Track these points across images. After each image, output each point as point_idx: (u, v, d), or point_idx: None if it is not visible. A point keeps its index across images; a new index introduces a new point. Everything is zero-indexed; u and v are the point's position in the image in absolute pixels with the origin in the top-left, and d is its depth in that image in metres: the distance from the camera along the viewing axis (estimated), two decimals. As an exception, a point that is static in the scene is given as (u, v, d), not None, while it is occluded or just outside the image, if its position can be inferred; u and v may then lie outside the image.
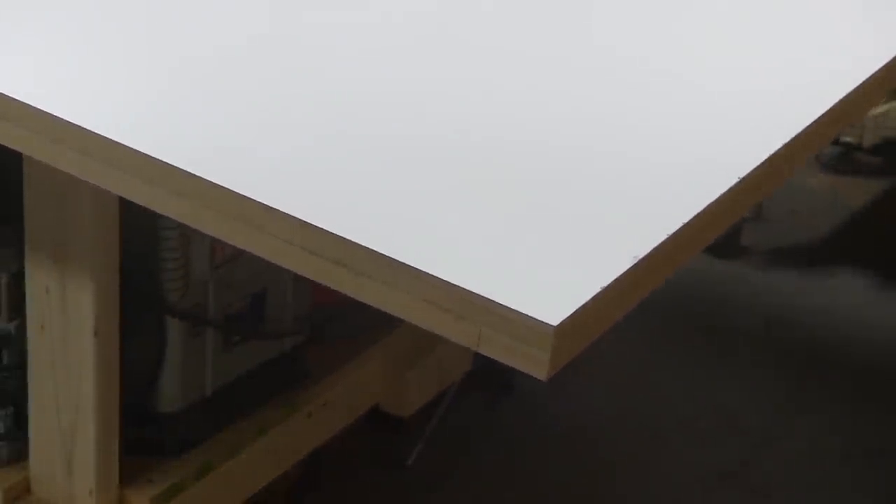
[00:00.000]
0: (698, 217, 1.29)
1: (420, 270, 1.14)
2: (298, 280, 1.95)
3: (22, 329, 1.74)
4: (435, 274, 1.14)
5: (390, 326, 2.16)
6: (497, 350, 1.13)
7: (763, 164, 1.40)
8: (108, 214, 1.63)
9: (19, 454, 1.80)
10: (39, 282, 1.68)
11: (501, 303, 1.12)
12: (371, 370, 2.11)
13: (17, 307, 1.74)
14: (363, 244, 1.17)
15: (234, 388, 1.90)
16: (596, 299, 1.15)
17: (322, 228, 1.18)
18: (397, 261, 1.15)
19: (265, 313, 1.92)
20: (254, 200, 1.21)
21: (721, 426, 2.66)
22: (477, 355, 2.45)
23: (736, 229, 3.27)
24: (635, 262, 1.20)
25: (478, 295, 1.12)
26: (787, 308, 3.05)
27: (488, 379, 2.63)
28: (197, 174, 1.24)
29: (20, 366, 1.76)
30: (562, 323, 1.11)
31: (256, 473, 1.94)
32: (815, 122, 1.51)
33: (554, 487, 2.46)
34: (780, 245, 3.35)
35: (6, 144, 1.38)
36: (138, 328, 1.76)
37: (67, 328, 1.68)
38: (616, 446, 2.58)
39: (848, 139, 3.33)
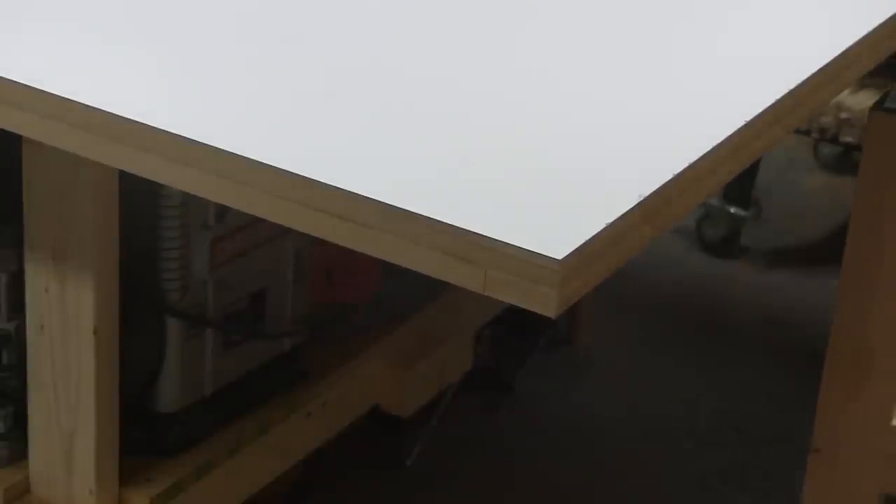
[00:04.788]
0: (704, 158, 1.29)
1: (422, 216, 1.14)
2: (298, 280, 1.95)
3: (22, 329, 1.73)
4: (437, 218, 1.14)
5: (390, 326, 2.16)
6: (504, 291, 1.13)
7: (769, 108, 1.41)
8: (108, 214, 1.63)
9: (19, 454, 1.80)
10: (39, 281, 1.68)
11: (505, 241, 1.11)
12: (371, 370, 2.11)
13: (17, 307, 1.74)
14: (363, 194, 1.17)
15: (233, 387, 1.90)
16: (601, 236, 1.15)
17: (321, 182, 1.19)
18: (399, 208, 1.15)
19: (265, 313, 1.92)
20: (255, 161, 1.22)
21: (721, 426, 2.66)
22: (477, 355, 2.47)
23: (736, 229, 3.27)
24: (641, 199, 1.20)
25: (482, 236, 1.12)
26: (787, 308, 3.05)
27: (488, 379, 2.63)
28: (195, 139, 1.25)
29: (20, 366, 1.76)
30: (567, 257, 1.11)
31: (256, 473, 1.94)
32: (824, 67, 1.52)
33: (554, 488, 2.46)
34: (780, 245, 3.35)
35: (6, 127, 1.39)
36: (138, 328, 1.76)
37: (67, 328, 1.68)
38: (616, 446, 2.58)
39: (848, 139, 3.32)
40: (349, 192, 1.18)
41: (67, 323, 1.68)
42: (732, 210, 3.26)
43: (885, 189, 1.79)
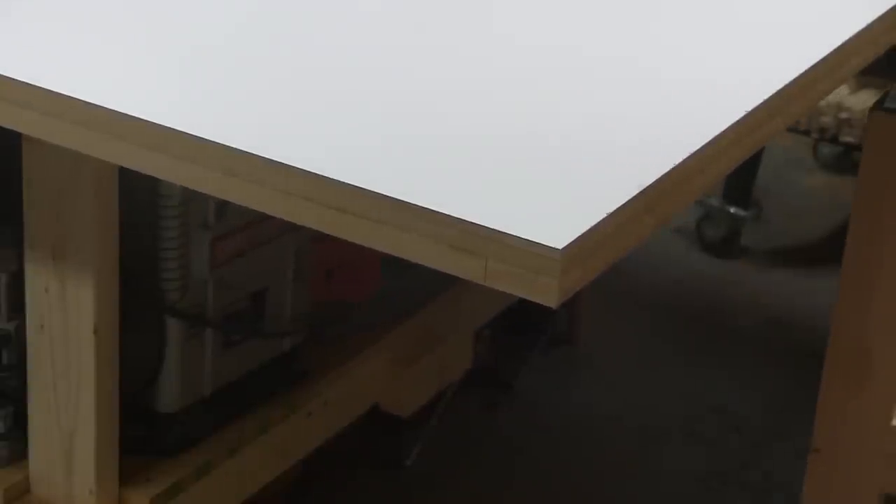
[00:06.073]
0: (705, 149, 1.30)
1: (422, 207, 1.14)
2: (298, 279, 1.95)
3: (22, 329, 1.73)
4: (438, 209, 1.14)
5: (390, 325, 2.16)
6: (505, 282, 1.13)
7: (770, 98, 1.42)
8: (107, 214, 1.63)
9: (19, 454, 1.80)
10: (39, 281, 1.68)
11: (506, 231, 1.11)
12: (371, 370, 2.11)
13: (17, 307, 1.74)
14: (364, 187, 1.17)
15: (233, 387, 1.90)
16: (602, 226, 1.15)
17: (323, 175, 1.19)
18: (399, 200, 1.15)
19: (265, 313, 1.92)
20: (258, 156, 1.22)
21: (721, 426, 2.66)
22: (477, 354, 2.47)
23: (736, 229, 3.27)
24: (641, 189, 1.20)
25: (482, 226, 1.12)
26: (787, 308, 3.05)
27: (488, 378, 2.63)
28: (198, 135, 1.25)
29: (20, 366, 1.76)
30: (568, 247, 1.11)
31: (256, 473, 1.94)
32: (821, 60, 1.53)
33: (554, 487, 2.46)
34: (780, 245, 3.35)
35: (6, 125, 1.39)
36: (138, 328, 1.76)
37: (67, 328, 1.68)
38: (616, 446, 2.58)
39: (848, 139, 3.32)
40: (351, 185, 1.18)
41: (67, 323, 1.68)
42: (732, 210, 3.26)
43: (885, 189, 1.79)
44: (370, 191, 1.17)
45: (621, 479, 2.50)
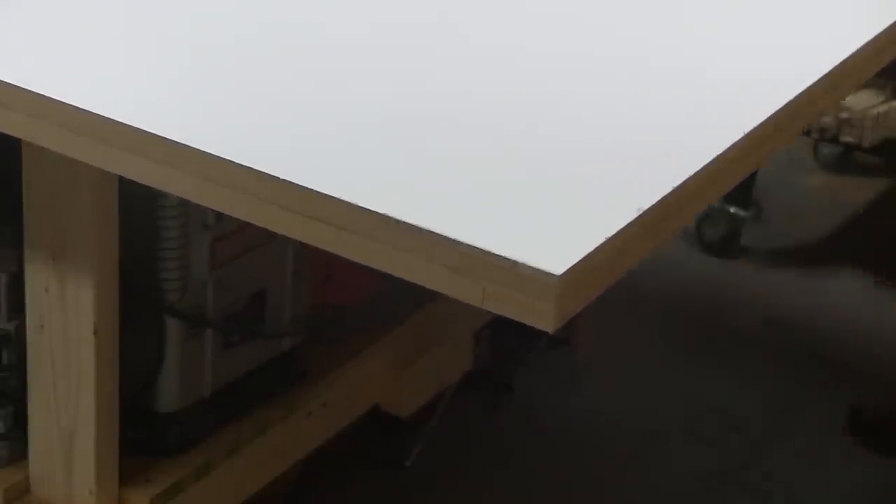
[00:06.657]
0: (703, 171, 1.30)
1: (421, 228, 1.14)
2: (297, 280, 1.95)
3: (22, 329, 1.74)
4: (437, 231, 1.14)
5: (389, 326, 2.16)
6: (502, 305, 1.13)
7: (768, 120, 1.42)
8: (107, 214, 1.63)
9: (19, 454, 1.80)
10: (39, 281, 1.68)
11: (504, 255, 1.11)
12: (371, 370, 2.11)
13: (17, 307, 1.74)
14: (362, 205, 1.17)
15: (233, 388, 1.90)
16: (601, 250, 1.16)
17: (322, 193, 1.19)
18: (398, 220, 1.16)
19: (264, 313, 1.92)
20: (255, 170, 1.22)
21: (721, 426, 2.66)
22: (477, 355, 2.47)
23: (736, 229, 3.27)
24: (640, 213, 1.20)
25: (480, 249, 1.12)
26: (787, 308, 3.05)
27: (488, 379, 2.63)
28: (195, 147, 1.26)
29: (20, 366, 1.76)
30: (566, 273, 1.11)
31: (256, 473, 1.94)
32: (822, 78, 1.53)
33: (553, 488, 2.46)
34: (780, 245, 3.35)
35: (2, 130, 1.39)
36: (138, 328, 1.77)
37: (67, 328, 1.68)
38: (616, 446, 2.58)
39: (848, 139, 3.32)
40: (347, 202, 1.18)
41: (67, 323, 1.68)
42: (732, 210, 3.26)
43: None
44: (367, 209, 1.17)
45: (621, 480, 2.50)
